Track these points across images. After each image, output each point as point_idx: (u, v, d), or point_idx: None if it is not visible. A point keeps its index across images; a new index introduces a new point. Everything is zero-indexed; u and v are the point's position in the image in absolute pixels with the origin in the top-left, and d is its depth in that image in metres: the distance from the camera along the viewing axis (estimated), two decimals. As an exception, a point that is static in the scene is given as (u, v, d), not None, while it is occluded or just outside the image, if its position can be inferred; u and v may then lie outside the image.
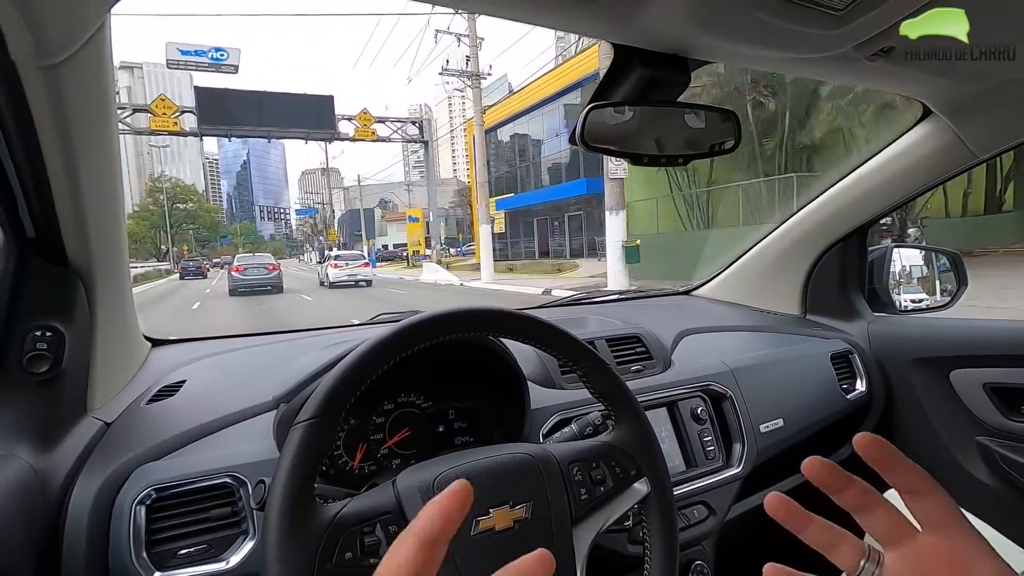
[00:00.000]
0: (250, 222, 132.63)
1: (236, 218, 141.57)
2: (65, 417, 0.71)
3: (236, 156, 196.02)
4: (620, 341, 1.09)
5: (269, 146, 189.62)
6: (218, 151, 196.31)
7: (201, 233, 73.21)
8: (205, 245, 79.79)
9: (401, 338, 0.54)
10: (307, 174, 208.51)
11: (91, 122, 0.62)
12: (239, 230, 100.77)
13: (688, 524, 0.95)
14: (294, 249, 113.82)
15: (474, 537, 0.52)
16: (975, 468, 1.17)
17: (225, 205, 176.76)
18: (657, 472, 0.65)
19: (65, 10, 0.50)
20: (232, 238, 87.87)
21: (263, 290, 16.00)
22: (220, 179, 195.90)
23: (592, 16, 0.64)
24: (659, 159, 0.80)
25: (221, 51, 18.97)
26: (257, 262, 17.52)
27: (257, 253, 25.37)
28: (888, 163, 1.19)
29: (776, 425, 1.09)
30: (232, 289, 16.15)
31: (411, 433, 0.82)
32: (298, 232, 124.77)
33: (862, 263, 1.41)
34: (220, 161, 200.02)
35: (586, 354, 0.64)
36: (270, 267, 16.96)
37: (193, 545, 0.64)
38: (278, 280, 16.71)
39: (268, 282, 16.36)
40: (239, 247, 68.03)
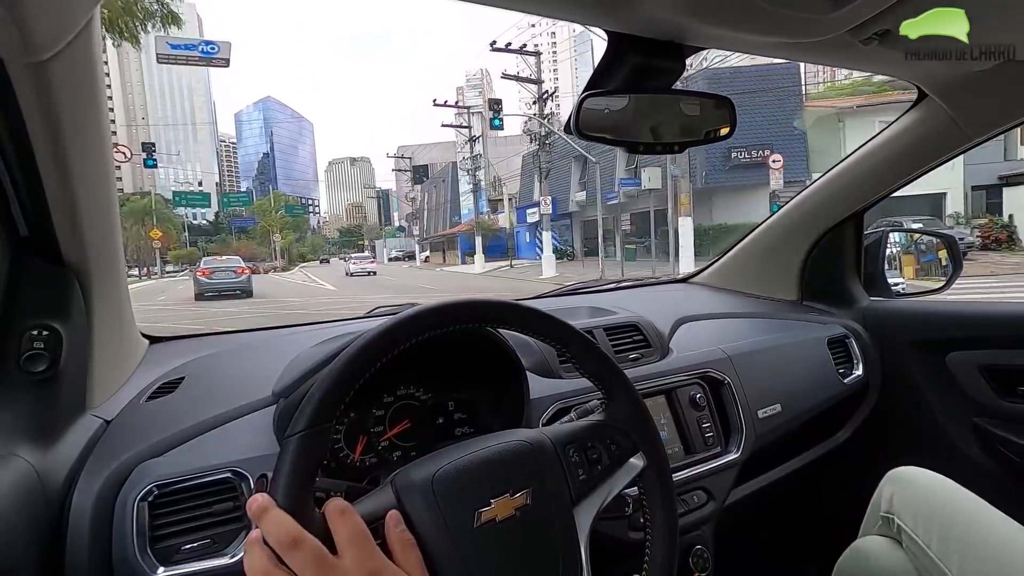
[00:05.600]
0: (280, 192, 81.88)
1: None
2: (65, 416, 0.71)
3: (256, 145, 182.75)
4: (618, 330, 1.09)
5: (299, 137, 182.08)
6: (236, 139, 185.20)
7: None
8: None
9: (382, 343, 0.53)
10: (334, 164, 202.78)
11: (82, 118, 0.62)
12: (271, 203, 55.01)
13: (688, 509, 0.96)
14: (343, 246, 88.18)
15: (477, 529, 0.52)
16: (972, 449, 1.18)
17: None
18: (652, 445, 0.65)
19: (52, 6, 0.50)
20: (258, 218, 52.47)
21: (231, 294, 15.36)
22: (237, 169, 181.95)
23: (586, 4, 0.64)
24: (655, 147, 0.80)
25: (212, 44, 18.74)
26: (225, 265, 16.84)
27: (227, 257, 21.57)
28: (883, 147, 1.19)
29: (774, 410, 1.09)
30: (198, 294, 15.28)
31: (411, 425, 0.83)
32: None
33: (858, 248, 1.41)
34: (239, 152, 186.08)
35: (573, 335, 0.64)
36: (239, 270, 16.32)
37: (196, 540, 0.64)
38: (247, 284, 15.96)
39: (237, 286, 15.65)
40: (274, 231, 47.30)
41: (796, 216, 1.40)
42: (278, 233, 47.88)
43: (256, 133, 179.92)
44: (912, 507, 0.83)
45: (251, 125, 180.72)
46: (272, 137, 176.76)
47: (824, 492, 1.39)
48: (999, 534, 0.77)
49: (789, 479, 1.15)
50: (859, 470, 1.22)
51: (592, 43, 33.80)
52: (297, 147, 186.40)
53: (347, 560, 0.44)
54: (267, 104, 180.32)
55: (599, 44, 0.90)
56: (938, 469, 0.88)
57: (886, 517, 0.86)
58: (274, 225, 49.45)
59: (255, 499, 0.45)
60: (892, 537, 0.85)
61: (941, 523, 0.79)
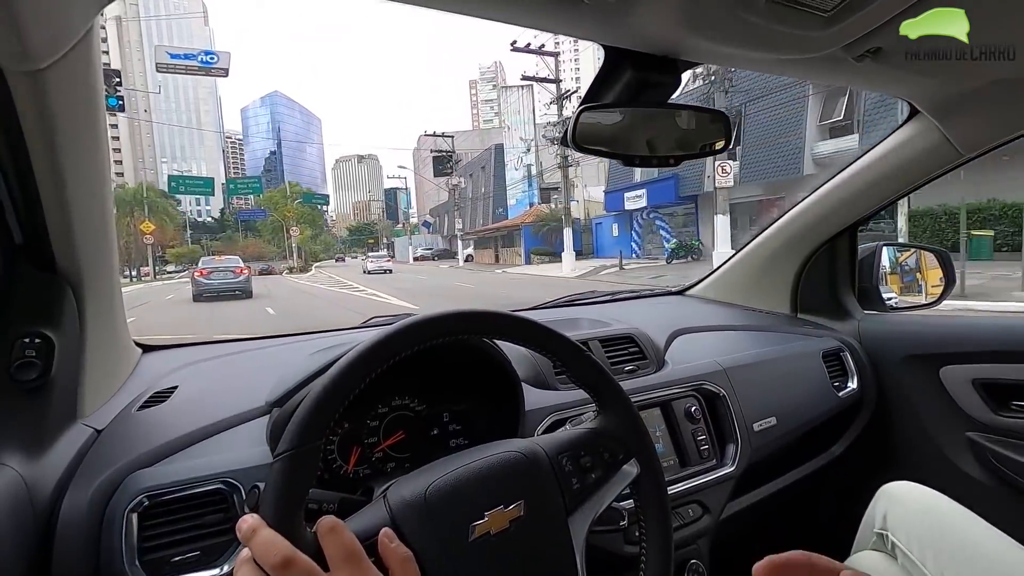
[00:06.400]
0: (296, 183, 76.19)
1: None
2: (55, 425, 0.70)
3: (264, 144, 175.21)
4: (614, 341, 1.09)
5: (306, 133, 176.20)
6: (243, 133, 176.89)
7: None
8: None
9: (375, 355, 0.53)
10: (341, 162, 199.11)
11: (79, 127, 0.62)
12: (287, 191, 49.68)
13: (683, 523, 0.95)
14: (352, 246, 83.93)
15: (472, 543, 0.51)
16: (965, 463, 1.18)
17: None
18: (646, 452, 0.65)
19: (52, 15, 0.50)
20: (270, 210, 47.34)
21: (230, 295, 14.69)
22: (244, 167, 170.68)
23: (582, 18, 0.64)
24: (650, 160, 0.81)
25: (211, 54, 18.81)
26: (223, 265, 16.16)
27: (226, 257, 20.66)
28: (876, 163, 1.20)
29: (769, 424, 1.09)
30: (196, 295, 14.68)
31: (405, 436, 0.82)
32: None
33: (852, 262, 1.42)
34: (245, 151, 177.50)
35: (566, 346, 0.64)
36: (237, 270, 15.64)
37: (187, 552, 0.64)
38: (247, 284, 15.27)
39: (236, 287, 15.00)
40: (290, 224, 41.32)
41: (791, 230, 1.41)
42: (295, 226, 41.91)
43: (263, 130, 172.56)
44: (906, 524, 0.83)
45: (257, 121, 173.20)
46: (279, 134, 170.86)
47: (819, 506, 1.38)
48: (993, 550, 0.76)
49: (784, 493, 1.15)
50: (854, 484, 1.21)
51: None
52: (305, 144, 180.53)
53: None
54: (274, 99, 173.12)
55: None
56: (932, 483, 0.88)
57: (880, 534, 0.86)
58: (290, 217, 43.86)
59: (244, 520, 0.45)
60: (886, 553, 0.85)
61: (935, 540, 0.79)
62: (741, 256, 1.55)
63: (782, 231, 1.43)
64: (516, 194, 33.30)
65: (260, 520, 0.45)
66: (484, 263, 32.98)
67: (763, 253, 1.49)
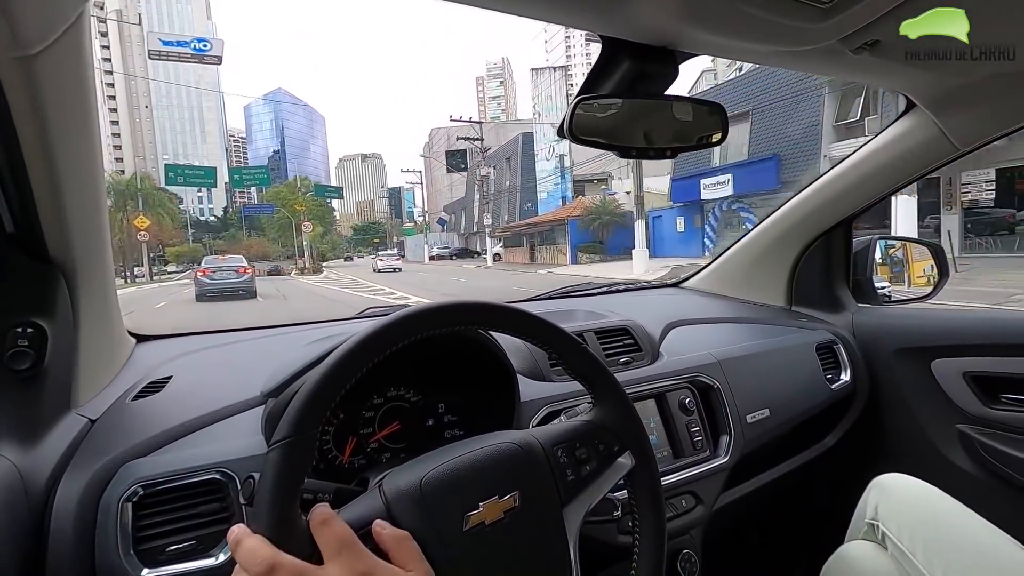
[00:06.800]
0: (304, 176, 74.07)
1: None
2: (49, 414, 0.70)
3: (267, 142, 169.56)
4: (609, 333, 1.09)
5: (310, 132, 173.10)
6: (246, 131, 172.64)
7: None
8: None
9: (370, 346, 0.53)
10: (345, 161, 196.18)
11: (70, 114, 0.61)
12: (297, 184, 48.37)
13: (676, 514, 0.96)
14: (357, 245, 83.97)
15: (467, 533, 0.52)
16: (956, 456, 1.20)
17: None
18: (640, 444, 0.65)
19: (42, 0, 0.49)
20: (277, 206, 44.70)
21: (234, 295, 14.32)
22: (247, 161, 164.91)
23: (581, 8, 0.64)
24: (647, 151, 0.81)
25: (204, 41, 18.61)
26: (227, 265, 15.87)
27: (229, 256, 20.00)
28: (872, 156, 1.20)
29: (762, 415, 1.10)
30: (199, 295, 14.37)
31: (401, 427, 0.82)
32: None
33: (847, 255, 1.43)
34: (249, 149, 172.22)
35: (561, 337, 0.64)
36: (241, 270, 15.34)
37: (182, 541, 0.64)
38: (250, 284, 14.88)
39: (239, 286, 14.62)
40: (303, 218, 37.76)
41: (786, 223, 1.42)
42: (308, 221, 37.67)
43: (266, 128, 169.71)
44: (896, 515, 0.84)
45: (260, 119, 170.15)
46: (283, 132, 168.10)
47: (811, 497, 1.40)
48: (983, 542, 0.77)
49: (777, 484, 1.16)
50: (846, 475, 1.23)
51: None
52: (309, 143, 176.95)
53: (333, 569, 0.44)
54: (277, 96, 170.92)
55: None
56: (923, 475, 0.89)
57: (871, 524, 0.87)
58: (301, 211, 40.26)
59: (232, 530, 0.46)
60: (877, 543, 0.86)
61: (926, 531, 0.80)
62: (737, 248, 1.55)
63: (778, 224, 1.43)
64: (547, 187, 30.39)
65: (245, 530, 0.45)
66: (515, 262, 29.67)
67: (759, 246, 1.50)
